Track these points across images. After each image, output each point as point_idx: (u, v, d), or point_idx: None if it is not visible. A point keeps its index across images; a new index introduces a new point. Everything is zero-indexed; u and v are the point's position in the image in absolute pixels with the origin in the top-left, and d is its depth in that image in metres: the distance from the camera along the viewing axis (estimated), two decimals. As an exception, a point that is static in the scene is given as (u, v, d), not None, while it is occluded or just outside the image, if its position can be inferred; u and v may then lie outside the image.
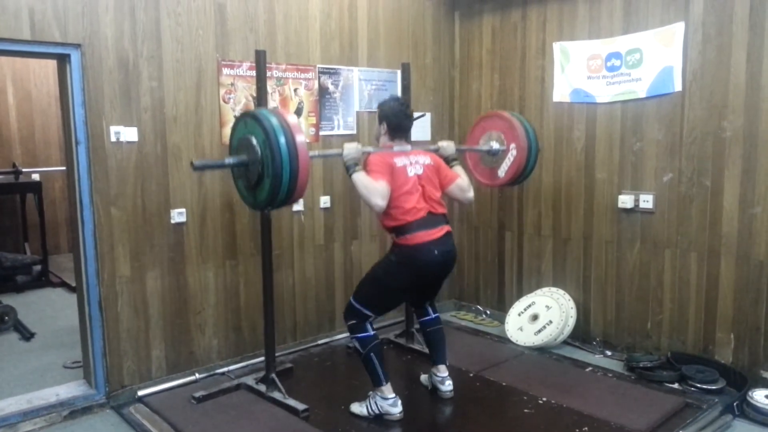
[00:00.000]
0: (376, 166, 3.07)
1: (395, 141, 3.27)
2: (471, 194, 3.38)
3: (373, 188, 2.98)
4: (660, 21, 3.78)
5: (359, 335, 3.19)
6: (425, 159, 3.27)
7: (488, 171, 3.94)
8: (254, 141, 2.80)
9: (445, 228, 3.19)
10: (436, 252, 3.10)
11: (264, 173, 2.78)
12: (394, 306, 3.30)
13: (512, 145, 3.76)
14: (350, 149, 3.11)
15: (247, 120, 2.90)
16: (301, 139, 2.77)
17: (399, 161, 3.15)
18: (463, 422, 3.27)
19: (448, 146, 3.52)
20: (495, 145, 3.82)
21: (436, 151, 3.47)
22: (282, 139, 2.72)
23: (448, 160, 3.46)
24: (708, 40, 3.59)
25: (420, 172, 3.19)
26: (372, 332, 3.20)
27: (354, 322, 3.21)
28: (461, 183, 3.34)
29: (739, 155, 3.51)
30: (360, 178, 3.02)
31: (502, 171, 3.83)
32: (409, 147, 3.29)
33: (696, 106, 3.67)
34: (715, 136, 3.61)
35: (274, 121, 2.77)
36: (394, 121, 3.26)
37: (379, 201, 2.98)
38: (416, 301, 3.54)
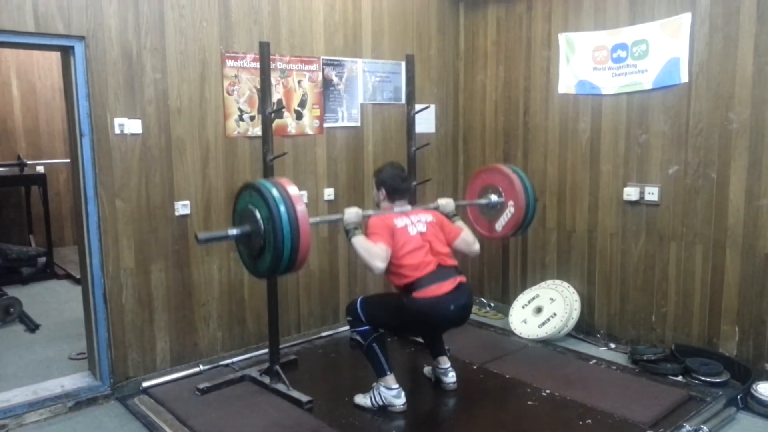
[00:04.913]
0: (376, 228, 3.09)
1: (395, 204, 3.32)
2: (477, 247, 3.41)
3: (373, 251, 2.99)
4: (666, 12, 3.75)
5: (359, 329, 3.20)
6: (427, 217, 3.30)
7: (487, 223, 3.94)
8: (257, 214, 2.77)
9: (459, 278, 3.18)
10: (452, 307, 3.08)
11: (266, 247, 2.76)
12: (393, 334, 3.28)
13: (510, 203, 3.76)
14: (351, 214, 3.12)
15: (252, 191, 2.86)
16: (301, 209, 2.74)
17: (399, 222, 3.17)
18: (466, 414, 3.27)
19: (447, 203, 3.52)
20: (494, 198, 3.83)
21: (436, 208, 3.49)
22: (282, 208, 2.69)
23: (449, 216, 3.47)
24: (715, 31, 3.56)
25: (423, 229, 3.20)
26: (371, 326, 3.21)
27: (351, 319, 3.24)
28: (466, 237, 3.37)
29: (746, 147, 3.49)
30: (359, 241, 3.03)
31: (500, 225, 3.84)
32: (409, 207, 3.34)
33: (702, 98, 3.64)
34: (721, 127, 3.58)
35: (275, 192, 2.74)
36: (392, 184, 3.32)
37: (378, 263, 2.98)
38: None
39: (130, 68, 3.39)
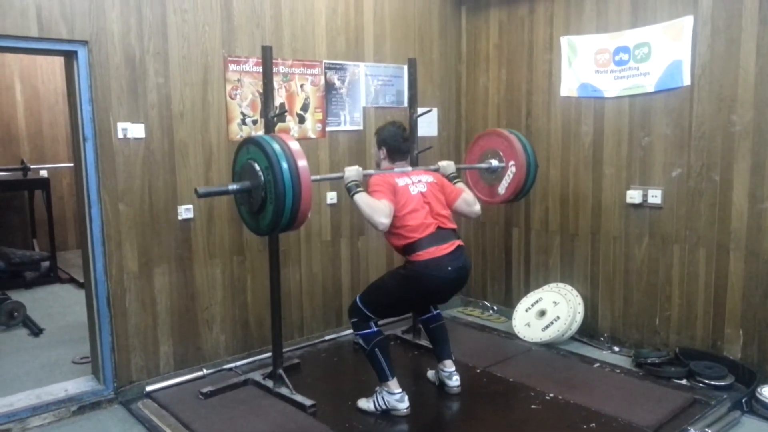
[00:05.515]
0: (378, 186, 3.08)
1: (396, 164, 3.32)
2: (478, 207, 3.41)
3: (377, 207, 2.99)
4: (668, 15, 3.75)
5: (363, 332, 3.20)
6: (428, 177, 3.30)
7: (488, 188, 3.99)
8: (257, 167, 2.80)
9: (457, 242, 3.17)
10: (449, 268, 3.08)
11: (267, 198, 2.79)
12: (398, 315, 3.31)
13: (511, 163, 3.82)
14: (351, 171, 3.13)
15: (250, 146, 2.89)
16: (303, 164, 2.78)
17: (401, 181, 3.17)
18: (470, 418, 3.27)
19: (448, 165, 3.54)
20: (494, 162, 3.87)
21: (437, 170, 3.50)
22: (284, 165, 2.73)
23: (450, 179, 3.48)
24: (717, 33, 3.56)
25: (424, 189, 3.20)
26: (375, 329, 3.20)
27: (356, 320, 3.22)
28: (467, 197, 3.37)
29: (749, 149, 3.48)
30: (362, 198, 3.03)
31: (502, 188, 3.89)
32: (409, 168, 3.35)
33: (705, 101, 3.64)
34: (724, 130, 3.58)
35: (276, 146, 2.77)
36: (393, 144, 3.31)
37: (383, 219, 2.97)
38: (426, 306, 3.54)
39: (133, 73, 3.40)
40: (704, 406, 3.27)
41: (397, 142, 3.31)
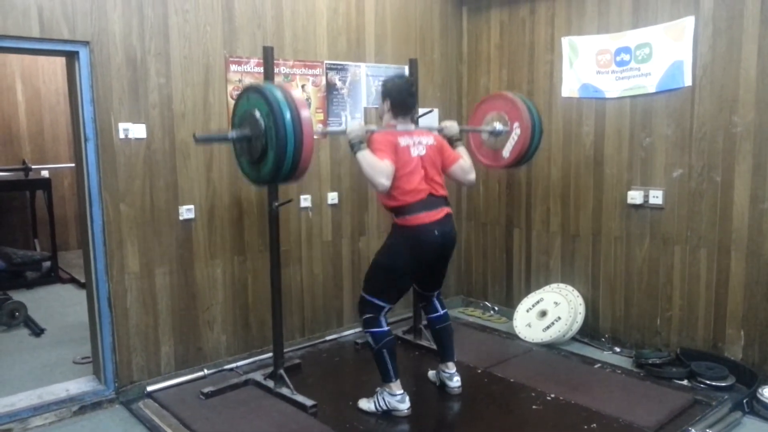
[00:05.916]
0: (381, 145, 3.04)
1: (399, 119, 3.23)
2: (473, 176, 3.36)
3: (378, 167, 2.97)
4: (669, 15, 3.75)
5: (373, 330, 3.18)
6: (428, 139, 3.25)
7: (492, 152, 3.89)
8: (257, 114, 2.74)
9: (446, 209, 3.19)
10: (436, 232, 3.11)
11: (268, 144, 2.73)
12: (403, 290, 3.26)
13: (516, 124, 3.71)
14: (354, 127, 3.08)
15: (250, 94, 2.84)
16: (305, 113, 2.72)
17: (402, 141, 3.13)
18: (471, 419, 3.27)
19: (451, 126, 3.48)
20: (498, 126, 3.78)
21: (440, 131, 3.45)
22: (287, 113, 2.67)
23: (452, 141, 3.43)
24: (718, 34, 3.56)
25: (423, 152, 3.17)
26: (386, 328, 3.19)
27: (369, 315, 3.19)
28: (463, 164, 3.32)
29: (750, 150, 3.48)
30: (365, 156, 3.00)
31: (507, 151, 3.78)
32: (413, 126, 3.28)
33: (706, 101, 3.64)
34: (725, 131, 3.58)
35: (278, 94, 2.72)
36: (398, 98, 3.21)
37: (384, 180, 2.96)
38: (423, 289, 3.51)
39: (135, 73, 3.41)
40: (705, 407, 3.27)
41: (403, 96, 3.21)
